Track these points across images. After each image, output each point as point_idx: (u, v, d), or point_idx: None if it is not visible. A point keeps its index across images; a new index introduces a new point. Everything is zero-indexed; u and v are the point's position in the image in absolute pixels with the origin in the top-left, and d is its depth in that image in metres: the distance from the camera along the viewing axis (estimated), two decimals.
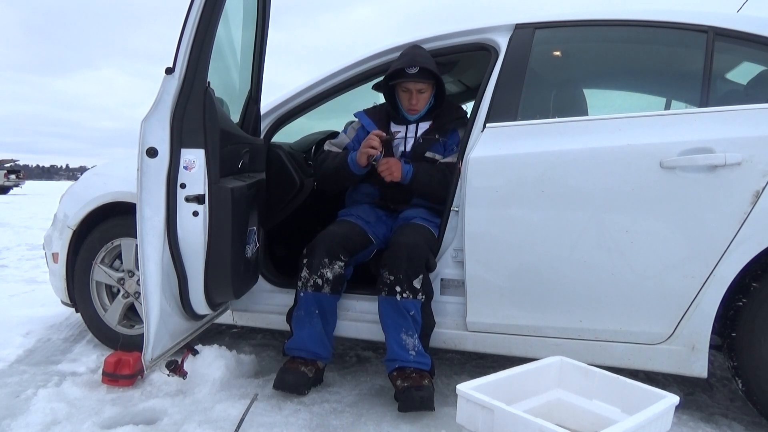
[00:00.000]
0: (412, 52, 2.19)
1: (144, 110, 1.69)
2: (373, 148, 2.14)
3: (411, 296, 1.91)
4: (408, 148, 2.29)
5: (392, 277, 1.92)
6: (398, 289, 1.91)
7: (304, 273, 2.02)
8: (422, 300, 1.93)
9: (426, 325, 1.96)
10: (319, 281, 2.00)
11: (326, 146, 2.40)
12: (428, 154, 2.27)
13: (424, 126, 2.30)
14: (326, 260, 2.00)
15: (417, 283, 1.91)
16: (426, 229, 2.11)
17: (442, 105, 2.30)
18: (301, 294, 2.03)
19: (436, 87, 2.26)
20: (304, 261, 2.04)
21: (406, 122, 2.31)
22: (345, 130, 2.45)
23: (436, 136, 2.27)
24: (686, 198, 1.75)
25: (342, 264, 2.03)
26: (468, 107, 2.47)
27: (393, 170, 2.15)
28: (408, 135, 2.31)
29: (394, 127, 2.32)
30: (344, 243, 2.06)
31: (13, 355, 2.37)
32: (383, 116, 2.35)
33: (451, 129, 2.29)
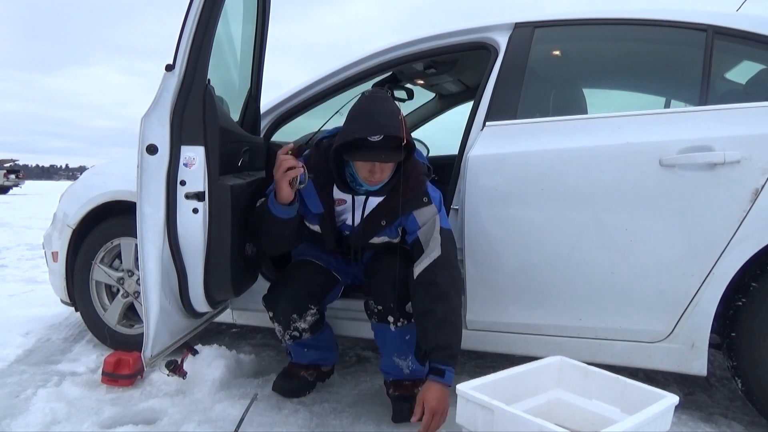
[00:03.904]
0: (373, 110, 1.65)
1: (138, 109, 1.68)
2: (291, 168, 1.67)
3: (405, 322, 1.77)
4: (355, 222, 1.85)
5: (380, 307, 1.78)
6: (390, 318, 1.77)
7: (277, 328, 1.90)
8: None
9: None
10: (296, 333, 1.89)
11: (258, 202, 1.86)
12: (375, 240, 1.85)
13: (375, 200, 1.81)
14: (295, 316, 1.86)
15: (410, 308, 1.76)
16: (404, 249, 1.84)
17: (404, 169, 1.76)
18: (283, 344, 1.97)
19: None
20: (271, 315, 1.90)
21: (354, 191, 1.82)
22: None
23: (383, 223, 1.80)
24: (685, 196, 1.76)
25: (314, 311, 1.88)
26: (468, 106, 2.46)
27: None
28: (356, 204, 1.82)
29: (337, 194, 1.82)
30: (309, 291, 1.87)
31: (12, 355, 2.37)
32: (326, 174, 1.78)
33: (407, 211, 1.75)
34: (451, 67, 2.82)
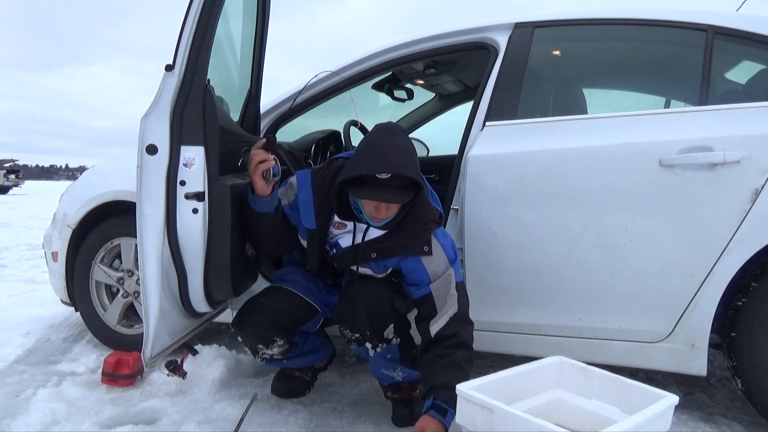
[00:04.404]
0: (384, 146, 1.56)
1: (136, 109, 1.68)
2: (263, 162, 1.70)
3: (384, 345, 1.71)
4: (348, 244, 1.77)
5: (357, 335, 1.69)
6: (368, 345, 1.70)
7: (247, 350, 1.85)
8: (398, 342, 1.73)
9: (408, 350, 1.78)
10: (267, 357, 1.84)
11: None
12: (362, 270, 1.75)
13: (375, 232, 1.72)
14: (261, 346, 1.79)
15: (388, 333, 1.69)
16: (388, 278, 1.79)
17: (413, 211, 1.67)
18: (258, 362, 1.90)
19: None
20: (239, 338, 1.85)
21: (356, 219, 1.73)
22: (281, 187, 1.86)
23: (373, 255, 1.71)
24: (685, 196, 1.76)
25: (282, 342, 1.79)
26: (468, 106, 2.46)
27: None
28: (356, 230, 1.74)
29: (337, 218, 1.77)
30: (275, 323, 1.77)
31: (12, 355, 2.37)
32: (329, 196, 1.70)
33: (405, 255, 1.68)
34: (451, 67, 2.82)
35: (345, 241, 1.78)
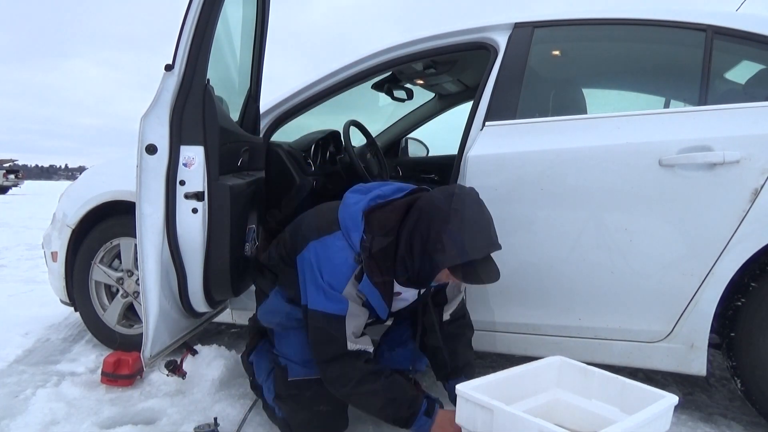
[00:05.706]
0: (487, 218, 1.48)
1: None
2: None
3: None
4: (409, 300, 1.71)
5: None
6: None
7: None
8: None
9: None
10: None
11: (350, 346, 1.53)
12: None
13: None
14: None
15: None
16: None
17: None
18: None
19: None
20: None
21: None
22: (340, 292, 1.51)
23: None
24: (685, 196, 1.76)
25: None
26: (468, 106, 2.46)
27: None
28: (411, 295, 1.69)
29: (398, 288, 1.62)
30: None
31: (12, 355, 2.36)
32: (389, 270, 1.54)
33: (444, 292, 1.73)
34: (451, 67, 2.82)
35: (402, 305, 1.71)
